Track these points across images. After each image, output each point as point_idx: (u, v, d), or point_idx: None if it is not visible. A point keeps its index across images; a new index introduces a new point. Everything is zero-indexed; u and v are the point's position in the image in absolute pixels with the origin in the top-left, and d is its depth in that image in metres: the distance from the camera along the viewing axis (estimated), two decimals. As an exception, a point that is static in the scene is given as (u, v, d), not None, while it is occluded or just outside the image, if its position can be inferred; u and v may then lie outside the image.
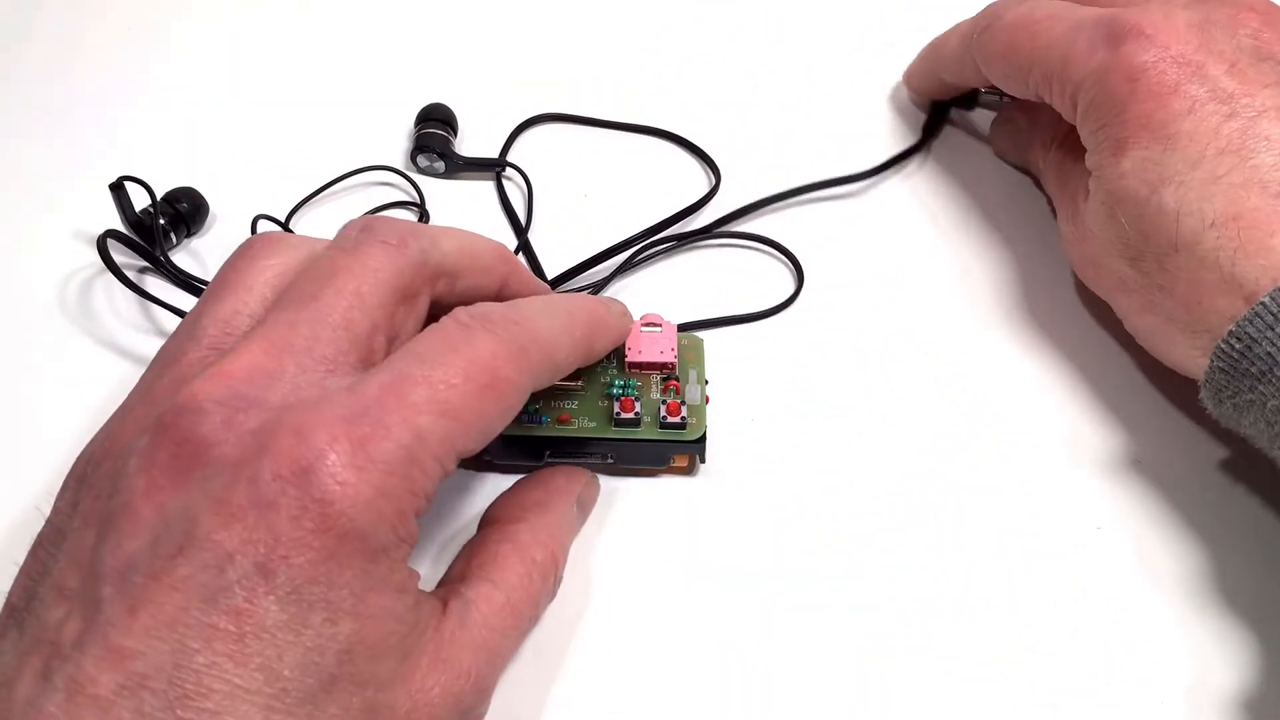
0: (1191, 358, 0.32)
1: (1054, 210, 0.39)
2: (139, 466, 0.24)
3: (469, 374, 0.25)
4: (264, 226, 0.40)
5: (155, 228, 0.38)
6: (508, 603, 0.27)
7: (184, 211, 0.40)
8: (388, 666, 0.24)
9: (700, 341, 0.34)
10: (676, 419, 0.32)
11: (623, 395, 0.32)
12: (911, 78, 0.45)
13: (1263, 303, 0.29)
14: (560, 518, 0.30)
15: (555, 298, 0.31)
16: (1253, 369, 0.29)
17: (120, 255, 0.39)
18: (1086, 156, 0.34)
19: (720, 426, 0.35)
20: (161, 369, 0.27)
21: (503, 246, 0.31)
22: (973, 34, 0.39)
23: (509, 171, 0.43)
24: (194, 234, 0.40)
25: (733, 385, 0.36)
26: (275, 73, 0.46)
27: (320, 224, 0.41)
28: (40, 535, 0.25)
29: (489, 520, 0.30)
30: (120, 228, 0.38)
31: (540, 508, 0.30)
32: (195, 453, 0.23)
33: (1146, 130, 0.32)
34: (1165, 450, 0.35)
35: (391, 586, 0.24)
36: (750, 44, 0.49)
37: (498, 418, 0.26)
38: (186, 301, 0.38)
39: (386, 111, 0.44)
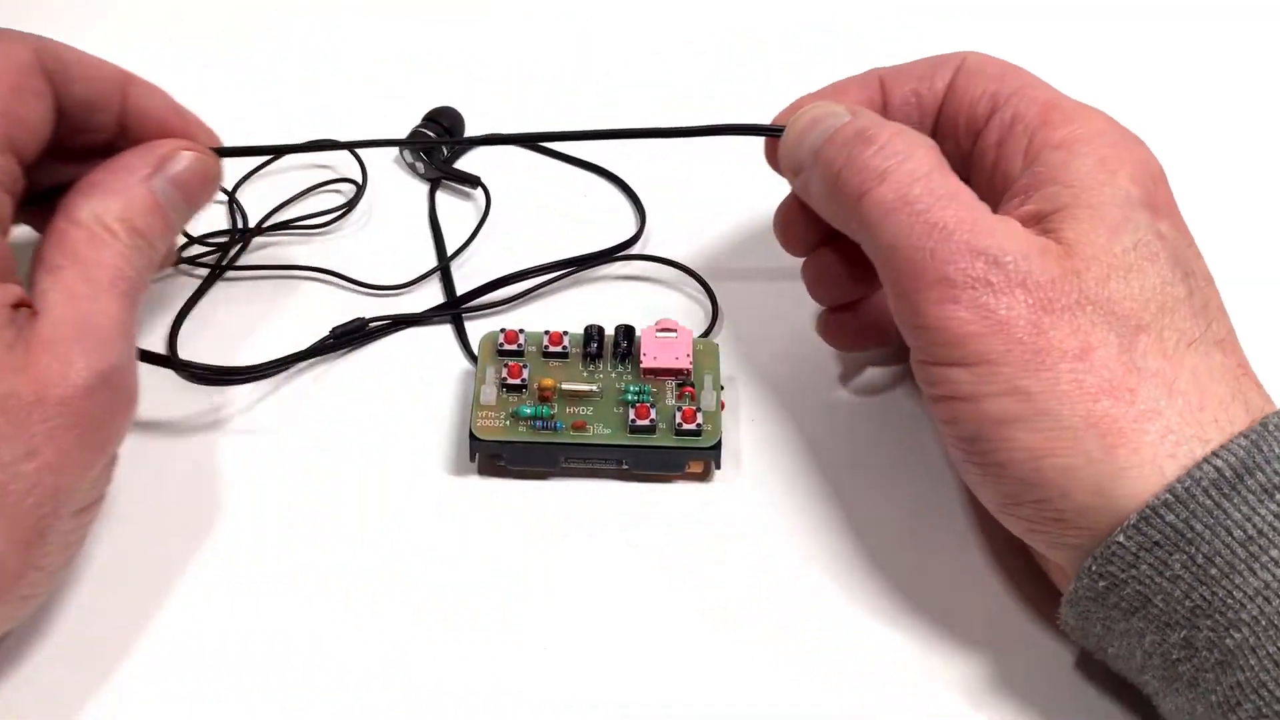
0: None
1: None
2: None
3: None
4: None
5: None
6: (82, 274, 0.27)
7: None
8: None
9: (715, 346, 0.34)
10: (692, 426, 0.31)
11: (638, 402, 0.32)
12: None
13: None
14: (103, 185, 0.28)
15: None
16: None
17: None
18: None
19: (728, 430, 0.34)
20: None
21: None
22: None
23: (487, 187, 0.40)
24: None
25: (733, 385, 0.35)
26: (279, 74, 0.45)
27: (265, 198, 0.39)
28: None
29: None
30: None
31: (91, 186, 0.28)
32: None
33: None
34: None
35: None
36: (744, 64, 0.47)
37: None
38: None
39: (391, 113, 0.42)
